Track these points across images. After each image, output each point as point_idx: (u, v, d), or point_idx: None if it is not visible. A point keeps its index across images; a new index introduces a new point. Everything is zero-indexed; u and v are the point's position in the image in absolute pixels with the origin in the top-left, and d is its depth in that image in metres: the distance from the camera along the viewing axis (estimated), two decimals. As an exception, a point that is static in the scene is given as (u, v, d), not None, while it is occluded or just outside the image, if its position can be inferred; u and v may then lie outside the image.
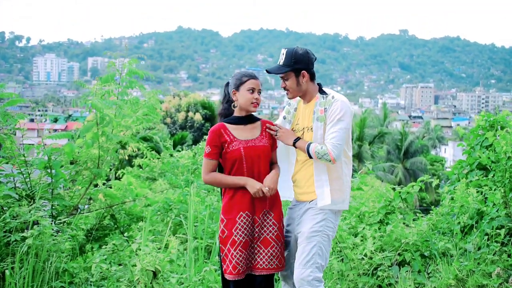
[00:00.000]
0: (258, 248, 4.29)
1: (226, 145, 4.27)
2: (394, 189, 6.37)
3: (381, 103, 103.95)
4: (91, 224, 7.06)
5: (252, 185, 4.22)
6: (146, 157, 14.00)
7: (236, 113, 4.41)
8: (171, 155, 10.68)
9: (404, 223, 6.25)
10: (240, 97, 4.32)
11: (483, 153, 6.39)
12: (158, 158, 11.69)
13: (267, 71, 4.47)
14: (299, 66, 4.37)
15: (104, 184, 7.72)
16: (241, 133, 4.35)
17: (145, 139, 25.72)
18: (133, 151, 7.30)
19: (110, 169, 7.21)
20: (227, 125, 4.34)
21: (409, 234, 5.88)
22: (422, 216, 6.48)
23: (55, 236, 5.44)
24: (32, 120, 6.19)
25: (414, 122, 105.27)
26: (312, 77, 4.46)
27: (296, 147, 4.35)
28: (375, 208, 6.36)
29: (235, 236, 4.21)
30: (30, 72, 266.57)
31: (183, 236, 6.29)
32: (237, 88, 4.34)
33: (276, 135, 4.41)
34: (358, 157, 45.83)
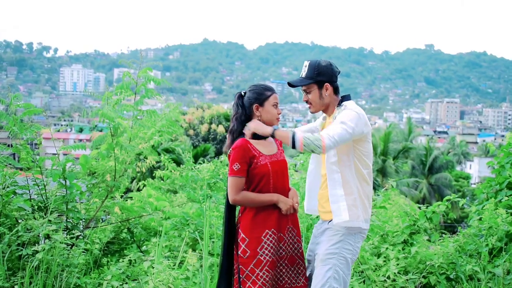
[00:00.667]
0: (284, 266, 4.14)
1: (254, 160, 4.09)
2: (419, 208, 6.11)
3: (405, 118, 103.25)
4: (107, 238, 6.90)
5: (285, 202, 4.11)
6: (167, 169, 13.92)
7: None
8: (191, 168, 10.52)
9: (428, 241, 5.99)
10: (265, 112, 4.18)
11: (515, 172, 6.15)
12: (179, 171, 11.53)
13: (289, 84, 4.31)
14: (322, 78, 4.20)
15: (123, 196, 7.57)
16: (264, 148, 4.21)
17: (167, 150, 25.69)
18: (151, 164, 7.13)
19: (131, 182, 7.03)
20: (250, 140, 4.16)
21: (434, 256, 5.63)
22: (448, 237, 6.20)
23: (68, 250, 5.29)
24: (58, 131, 6.07)
25: (439, 137, 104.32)
26: (335, 91, 4.29)
27: (275, 137, 4.09)
28: (399, 227, 6.09)
29: (261, 255, 4.02)
30: (57, 82, 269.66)
31: (198, 253, 6.07)
32: (261, 103, 4.18)
33: (249, 129, 4.20)
34: (382, 172, 45.33)
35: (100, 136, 6.15)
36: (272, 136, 4.10)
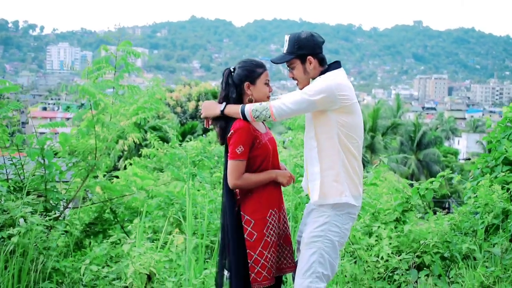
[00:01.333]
0: (282, 246, 3.98)
1: (257, 140, 3.86)
2: (411, 185, 5.87)
3: (394, 94, 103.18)
4: (89, 218, 6.65)
5: (283, 174, 3.95)
6: (154, 147, 13.64)
7: None
8: (175, 146, 10.26)
9: (422, 219, 5.76)
10: (256, 91, 3.94)
11: (511, 147, 5.91)
12: (165, 149, 11.28)
13: (272, 61, 4.09)
14: (303, 51, 3.96)
15: (106, 174, 7.32)
16: (258, 127, 3.98)
17: (154, 128, 25.35)
18: (134, 142, 6.87)
19: (118, 160, 6.76)
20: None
21: (428, 235, 5.40)
22: (442, 214, 5.96)
23: (46, 233, 5.04)
24: (44, 109, 5.76)
25: (427, 114, 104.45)
26: (321, 62, 4.03)
27: (227, 115, 3.87)
28: (390, 205, 5.84)
29: (267, 237, 3.82)
30: (43, 61, 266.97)
31: (183, 234, 5.81)
32: (252, 81, 3.93)
33: (201, 113, 4.03)
34: (371, 148, 45.25)
35: (79, 113, 5.87)
36: (223, 114, 3.88)
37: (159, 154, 12.37)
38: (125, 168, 12.93)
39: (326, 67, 4.03)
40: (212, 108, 3.96)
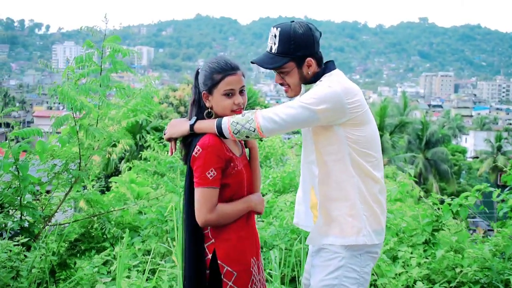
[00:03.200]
0: None
1: (231, 164, 2.92)
2: (442, 201, 5.00)
3: (400, 92, 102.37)
4: (75, 235, 5.91)
5: (258, 200, 3.05)
6: (154, 150, 12.93)
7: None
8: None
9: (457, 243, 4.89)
10: (215, 104, 2.95)
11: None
12: (164, 153, 10.58)
13: (257, 64, 3.10)
14: (302, 52, 3.03)
15: (96, 184, 6.59)
16: (234, 147, 3.05)
17: (156, 129, 24.57)
18: (123, 149, 6.12)
19: (120, 162, 6.00)
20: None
21: (465, 261, 4.59)
22: (482, 236, 5.13)
23: (14, 260, 4.30)
24: (50, 108, 4.99)
25: (434, 111, 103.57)
26: (319, 63, 3.11)
27: (197, 132, 2.93)
28: (418, 224, 5.00)
29: None
30: (49, 59, 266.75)
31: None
32: (209, 91, 2.95)
33: (165, 133, 3.09)
34: (379, 147, 44.46)
35: (59, 118, 5.10)
36: (193, 132, 2.95)
37: (159, 157, 11.70)
38: (129, 170, 12.27)
39: (323, 67, 3.12)
40: (178, 125, 3.02)
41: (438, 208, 4.99)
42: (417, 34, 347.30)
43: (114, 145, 6.22)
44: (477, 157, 56.62)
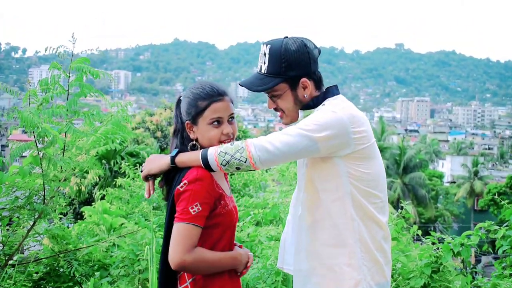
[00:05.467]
0: None
1: (221, 202, 2.52)
2: (442, 240, 4.54)
3: (377, 117, 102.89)
4: (40, 273, 5.40)
5: (245, 258, 2.59)
6: (128, 177, 12.43)
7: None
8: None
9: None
10: (201, 135, 2.58)
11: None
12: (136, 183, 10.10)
13: (244, 86, 2.73)
14: (295, 72, 2.65)
15: (64, 217, 6.12)
16: (223, 184, 2.63)
17: (131, 154, 24.01)
18: (93, 180, 5.65)
19: (93, 188, 5.52)
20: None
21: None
22: (484, 281, 4.67)
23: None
24: (25, 132, 4.54)
25: (410, 136, 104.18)
26: (317, 85, 2.75)
27: (179, 165, 2.52)
28: (416, 265, 4.48)
29: None
30: (25, 83, 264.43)
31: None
32: (193, 121, 2.58)
33: (141, 171, 2.66)
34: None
35: (20, 146, 4.62)
36: (174, 166, 2.53)
37: (132, 190, 11.22)
38: (101, 198, 11.78)
39: (324, 90, 2.74)
40: (157, 160, 2.60)
41: (437, 248, 4.56)
42: (393, 60, 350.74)
43: (84, 176, 5.75)
44: (454, 182, 56.85)
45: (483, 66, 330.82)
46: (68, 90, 4.90)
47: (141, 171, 2.67)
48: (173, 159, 2.53)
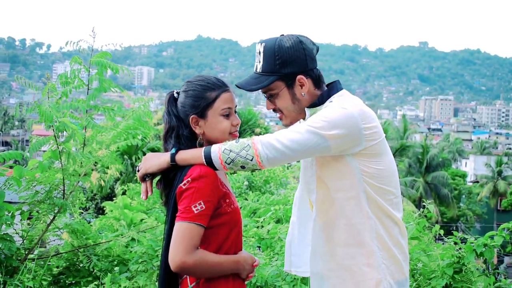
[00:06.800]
0: None
1: (227, 200, 2.42)
2: (464, 240, 4.45)
3: (400, 115, 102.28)
4: (60, 268, 5.40)
5: (250, 259, 2.50)
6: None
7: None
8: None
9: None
10: (210, 128, 2.47)
11: None
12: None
13: (240, 87, 2.64)
14: (290, 69, 2.55)
15: (84, 212, 6.12)
16: (227, 182, 2.55)
17: (153, 150, 24.11)
18: (114, 175, 5.65)
19: (115, 182, 5.51)
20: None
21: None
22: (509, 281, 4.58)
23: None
24: (49, 127, 4.51)
25: (433, 135, 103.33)
26: (316, 82, 2.62)
27: (180, 163, 2.40)
28: (437, 265, 4.41)
29: None
30: (50, 79, 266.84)
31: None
32: (201, 114, 2.47)
33: (138, 170, 2.56)
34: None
35: (39, 141, 4.61)
36: (174, 164, 2.42)
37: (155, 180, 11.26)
38: (123, 193, 11.83)
39: (326, 89, 2.63)
40: (155, 158, 2.48)
41: (460, 248, 4.46)
42: (417, 58, 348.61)
43: (105, 171, 5.76)
44: (477, 182, 56.28)
45: (508, 65, 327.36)
46: (88, 84, 4.88)
47: (138, 171, 2.56)
48: (173, 156, 2.43)
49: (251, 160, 2.37)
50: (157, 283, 4.75)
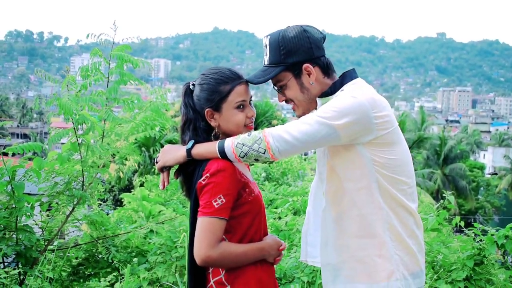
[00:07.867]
0: None
1: (247, 190, 2.46)
2: (485, 232, 4.42)
3: (417, 107, 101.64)
4: (79, 259, 5.44)
5: (275, 243, 2.54)
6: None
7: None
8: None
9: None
10: (225, 121, 2.50)
11: None
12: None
13: (249, 81, 2.61)
14: (295, 58, 2.54)
15: (103, 204, 6.16)
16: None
17: (171, 142, 24.20)
18: (133, 167, 5.67)
19: (133, 175, 5.51)
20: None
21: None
22: None
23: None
24: (67, 120, 4.53)
25: (451, 127, 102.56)
26: (325, 70, 2.60)
27: (195, 157, 2.44)
28: (458, 257, 4.38)
29: None
30: (69, 72, 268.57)
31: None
32: (216, 107, 2.50)
33: (157, 162, 2.59)
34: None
35: (58, 133, 4.64)
36: (190, 158, 2.45)
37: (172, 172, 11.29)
38: (141, 185, 11.89)
39: (337, 78, 2.61)
40: (173, 151, 2.52)
41: (481, 240, 4.42)
42: (435, 49, 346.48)
43: (123, 163, 5.78)
44: (496, 174, 55.82)
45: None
46: (108, 77, 4.89)
47: (156, 162, 2.61)
48: (189, 151, 2.45)
49: (264, 153, 2.39)
50: (176, 275, 4.78)
